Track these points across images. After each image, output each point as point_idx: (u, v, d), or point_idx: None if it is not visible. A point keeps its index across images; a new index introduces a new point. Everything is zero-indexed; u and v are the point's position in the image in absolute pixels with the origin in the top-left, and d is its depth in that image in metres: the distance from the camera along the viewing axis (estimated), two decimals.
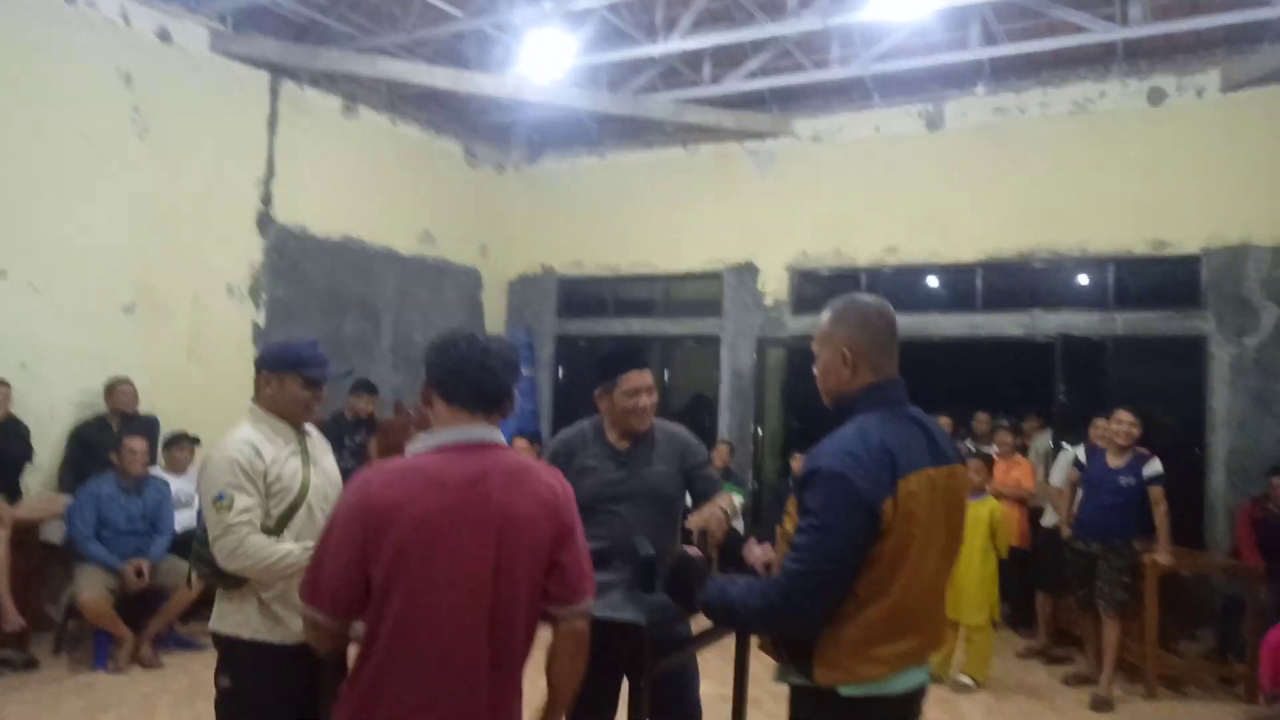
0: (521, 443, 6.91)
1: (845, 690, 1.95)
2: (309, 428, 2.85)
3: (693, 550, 2.24)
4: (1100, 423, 5.72)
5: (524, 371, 9.41)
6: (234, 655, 2.66)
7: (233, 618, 2.65)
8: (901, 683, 2.01)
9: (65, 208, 6.03)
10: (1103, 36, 6.77)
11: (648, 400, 2.93)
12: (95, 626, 5.23)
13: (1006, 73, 7.73)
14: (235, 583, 2.62)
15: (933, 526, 2.00)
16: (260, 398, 2.72)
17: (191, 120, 6.78)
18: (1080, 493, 5.52)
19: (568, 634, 1.94)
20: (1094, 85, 7.49)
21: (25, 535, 5.37)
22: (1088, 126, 7.48)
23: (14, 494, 5.50)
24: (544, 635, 1.98)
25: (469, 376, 1.94)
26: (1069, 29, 6.83)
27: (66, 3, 6.04)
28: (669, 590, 2.21)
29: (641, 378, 2.92)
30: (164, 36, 6.62)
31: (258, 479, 2.59)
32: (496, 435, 1.98)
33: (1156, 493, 5.22)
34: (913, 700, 2.08)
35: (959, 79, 7.86)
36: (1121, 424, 5.30)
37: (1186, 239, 7.10)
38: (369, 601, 1.85)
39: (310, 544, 2.47)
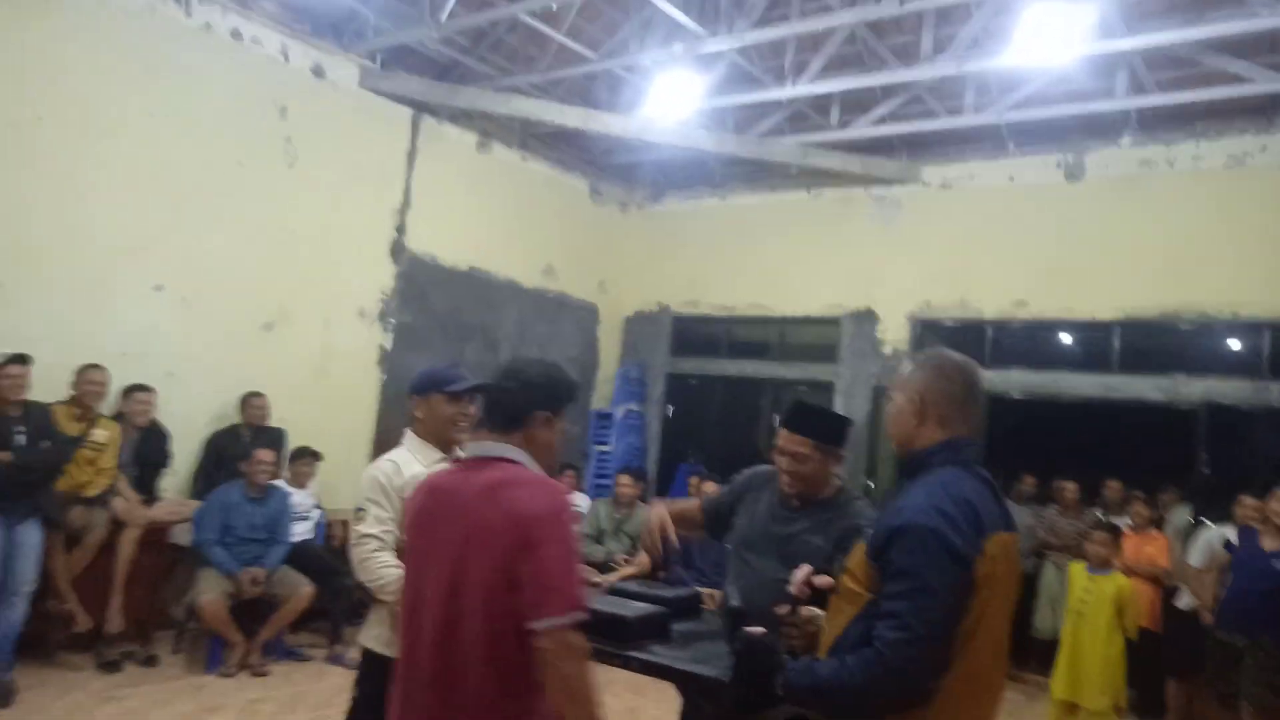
0: (625, 479, 6.90)
1: None
2: None
3: (756, 630, 2.06)
4: (1250, 501, 5.26)
5: (634, 407, 9.46)
6: (365, 666, 2.87)
7: (370, 630, 2.88)
8: None
9: (218, 229, 6.43)
10: (1265, 87, 6.33)
11: (788, 465, 2.72)
12: (211, 629, 5.47)
13: (1155, 124, 7.33)
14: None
15: (1009, 593, 1.91)
16: (415, 424, 2.99)
17: (337, 151, 7.17)
18: (1228, 578, 5.06)
19: (540, 651, 1.84)
20: (1254, 138, 7.00)
21: (157, 536, 5.68)
22: (1244, 181, 6.99)
23: (151, 495, 5.84)
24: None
25: (489, 396, 2.08)
26: (1226, 79, 6.43)
27: (233, 39, 6.51)
28: (739, 678, 2.04)
29: (786, 439, 2.72)
30: (318, 73, 7.05)
31: (394, 495, 2.79)
32: (505, 451, 2.00)
33: None
34: None
35: (1103, 129, 7.50)
36: None
37: None
38: None
39: None
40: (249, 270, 6.63)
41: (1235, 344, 7.17)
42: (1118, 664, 5.04)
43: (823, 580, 2.10)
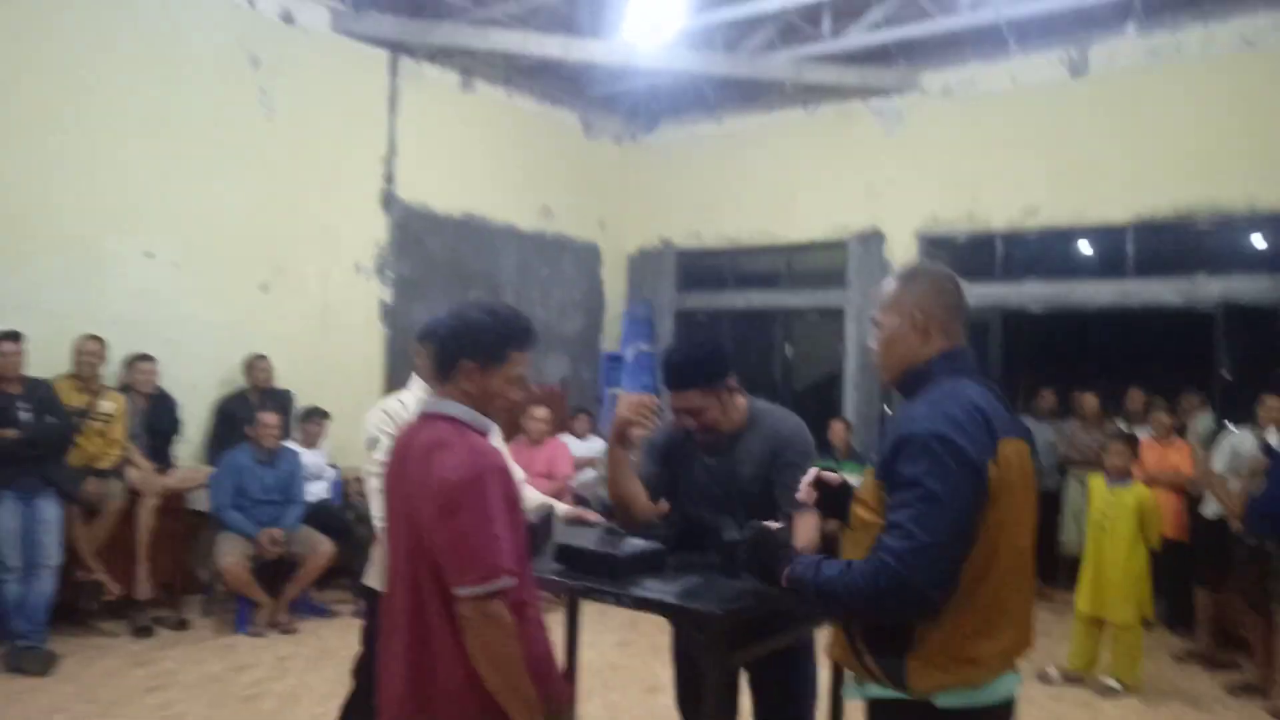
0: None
1: (942, 700, 1.75)
2: None
3: (772, 524, 2.03)
4: (1272, 401, 5.13)
5: (644, 347, 9.37)
6: (370, 606, 2.97)
7: (374, 569, 2.95)
8: (1000, 689, 1.82)
9: (202, 189, 6.32)
10: None
11: (690, 423, 2.65)
12: (236, 591, 5.53)
13: (1161, 9, 6.97)
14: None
15: (1026, 502, 1.82)
16: (418, 368, 3.05)
17: (316, 100, 6.99)
18: (1264, 482, 4.94)
19: (461, 619, 1.81)
20: (1267, 18, 6.65)
21: (175, 503, 5.73)
22: (1259, 66, 6.66)
23: (165, 464, 5.86)
24: None
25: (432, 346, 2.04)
26: None
27: None
28: (749, 568, 2.02)
29: (675, 399, 2.65)
30: (287, 18, 6.83)
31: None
32: (445, 406, 1.96)
33: None
34: (1009, 711, 1.88)
35: (1106, 19, 7.15)
36: None
37: None
38: None
39: None
40: (238, 230, 6.53)
41: (1255, 239, 6.94)
42: (1142, 576, 4.99)
43: (832, 477, 2.03)
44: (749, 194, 9.01)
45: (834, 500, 2.03)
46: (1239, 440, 5.45)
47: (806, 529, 2.39)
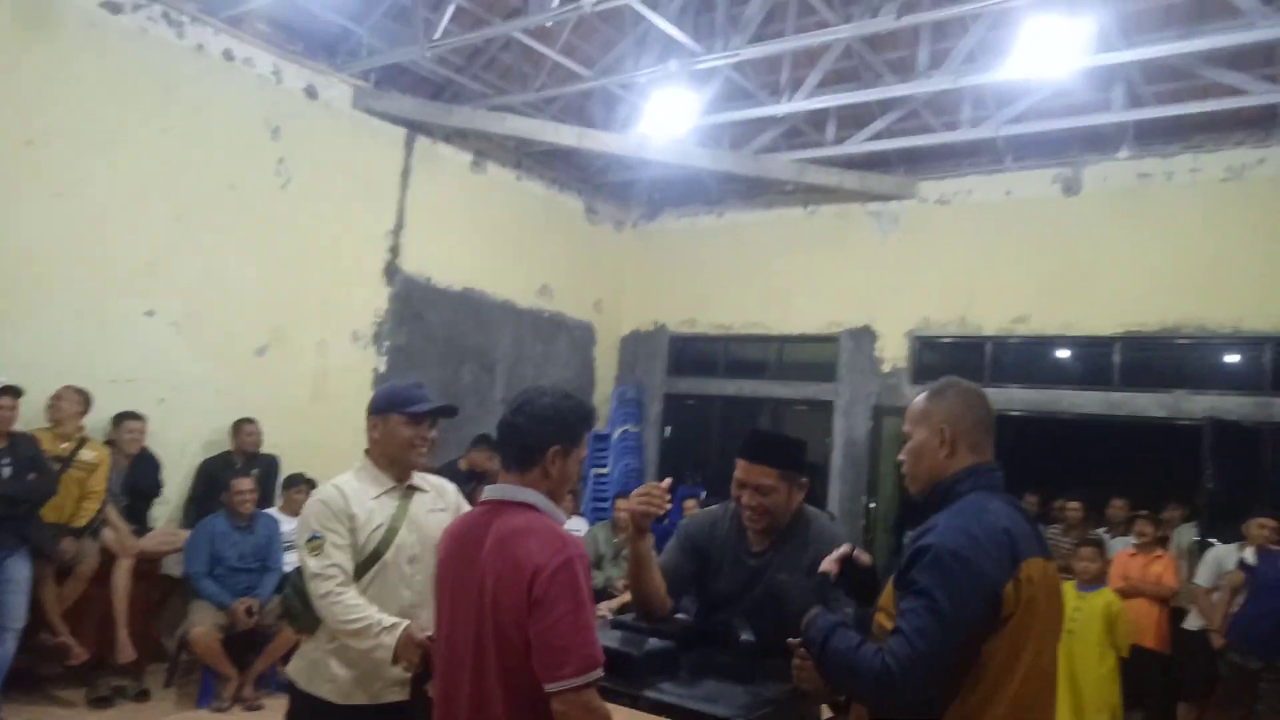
0: (625, 503, 6.78)
1: None
2: (435, 482, 2.83)
3: (862, 555, 2.05)
4: (1262, 521, 5.19)
5: (631, 428, 9.37)
6: (294, 704, 2.69)
7: (297, 662, 2.70)
8: None
9: (210, 252, 6.35)
10: (1263, 99, 6.32)
11: (751, 499, 2.59)
12: (204, 662, 5.34)
13: (1153, 136, 7.31)
14: (309, 627, 2.64)
15: (1050, 619, 1.84)
16: (370, 446, 2.73)
17: (331, 172, 7.10)
18: (1240, 598, 4.98)
19: (557, 714, 1.79)
20: (1252, 151, 6.98)
21: (149, 567, 5.57)
22: (1243, 194, 6.96)
23: (142, 525, 5.73)
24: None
25: (501, 435, 2.03)
26: (1224, 91, 6.42)
27: (225, 59, 6.45)
28: (847, 590, 2.04)
29: (747, 470, 2.58)
30: (311, 93, 6.99)
31: (345, 523, 2.58)
32: (520, 494, 1.97)
33: None
34: None
35: (1100, 143, 7.48)
36: None
37: None
38: None
39: (398, 621, 2.48)
40: (242, 294, 6.54)
41: (1236, 358, 7.12)
42: (1111, 680, 5.01)
43: (863, 557, 2.02)
44: (745, 285, 9.16)
45: (858, 583, 2.02)
46: (1224, 554, 5.49)
47: None
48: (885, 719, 1.83)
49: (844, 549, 2.06)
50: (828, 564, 2.04)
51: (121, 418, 5.69)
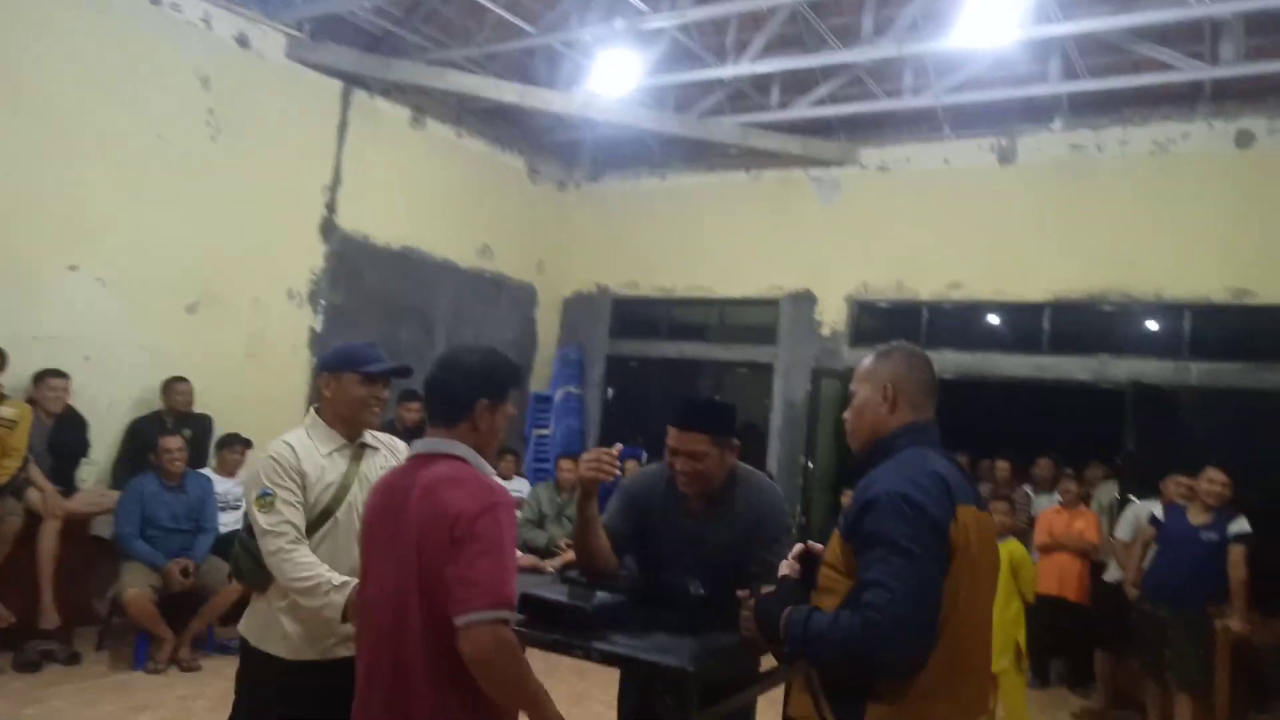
0: (566, 463, 6.81)
1: None
2: (382, 439, 2.82)
3: (814, 546, 2.07)
4: (1178, 479, 5.45)
5: (573, 390, 9.36)
6: (244, 661, 2.69)
7: (248, 619, 2.69)
8: None
9: (137, 206, 6.12)
10: (1190, 75, 6.53)
11: (685, 465, 2.62)
12: (138, 624, 5.24)
13: (1085, 109, 7.50)
14: (260, 584, 2.62)
15: (983, 566, 1.89)
16: (321, 403, 2.73)
17: (264, 125, 6.87)
18: (1153, 551, 5.25)
19: (464, 647, 1.79)
20: (1178, 125, 7.22)
21: (76, 529, 5.43)
22: (1169, 167, 7.21)
23: (69, 486, 5.55)
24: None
25: (428, 389, 2.04)
26: (1154, 66, 6.60)
27: (151, 4, 6.16)
28: (808, 584, 2.01)
29: (679, 438, 2.61)
30: (243, 42, 6.73)
31: (296, 479, 2.57)
32: (449, 447, 1.99)
33: (1237, 553, 4.91)
34: None
35: (1035, 113, 7.65)
36: (1214, 484, 5.00)
37: (1272, 290, 6.78)
38: None
39: (347, 580, 2.46)
40: (171, 249, 6.32)
41: (1157, 325, 7.41)
42: (1016, 623, 5.13)
43: (816, 548, 2.07)
44: (687, 248, 9.18)
45: (814, 572, 2.06)
46: (1141, 510, 5.76)
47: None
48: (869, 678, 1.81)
49: (798, 548, 2.08)
50: (786, 568, 2.05)
51: (43, 375, 5.48)
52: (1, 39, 5.46)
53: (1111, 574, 6.03)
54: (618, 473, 2.66)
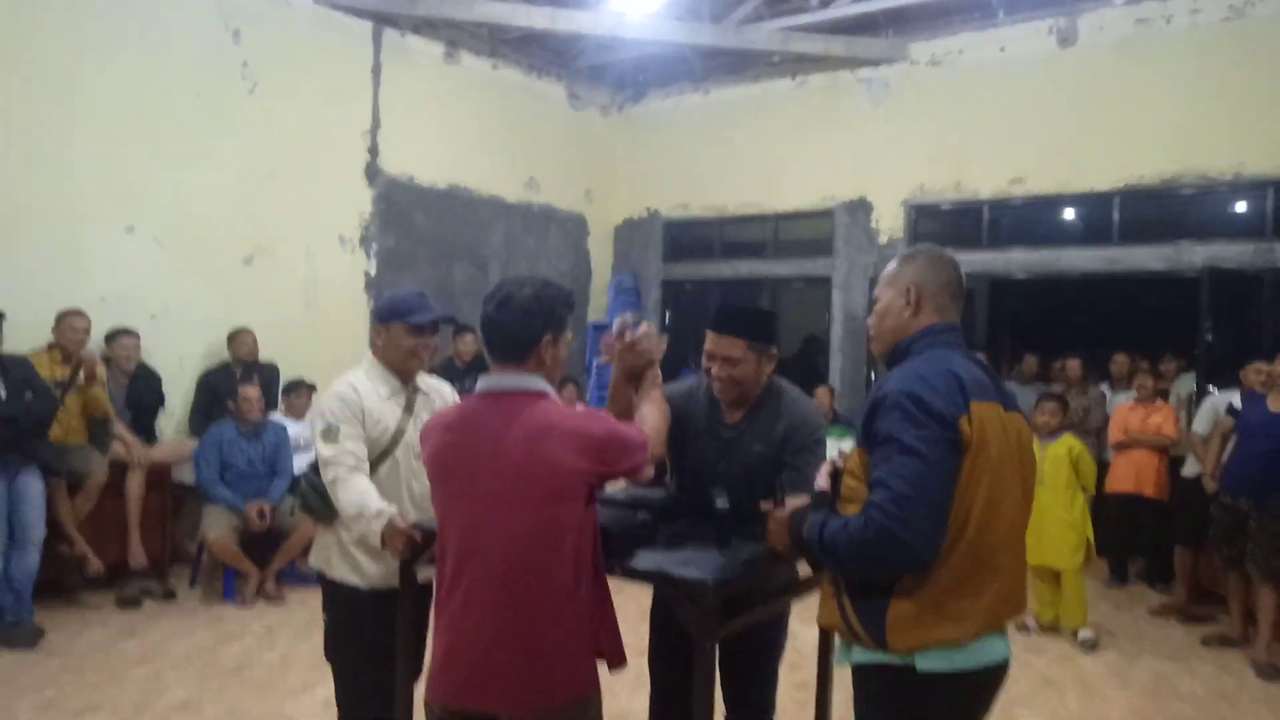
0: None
1: (923, 663, 1.78)
2: (433, 384, 2.92)
3: (765, 503, 2.11)
4: (1258, 366, 5.19)
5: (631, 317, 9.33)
6: (325, 592, 2.82)
7: (321, 554, 2.82)
8: (982, 654, 1.83)
9: (184, 165, 6.26)
10: None
11: (720, 370, 2.59)
12: (223, 562, 5.54)
13: None
14: (326, 519, 2.72)
15: (1006, 464, 1.83)
16: (375, 349, 2.82)
17: (298, 73, 6.90)
18: (1232, 443, 5.04)
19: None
20: None
21: (160, 477, 5.73)
22: (1244, 35, 6.67)
23: (150, 437, 5.85)
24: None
25: (489, 327, 2.05)
26: None
27: None
28: (795, 542, 2.04)
29: (715, 342, 2.58)
30: None
31: (359, 416, 2.67)
32: (524, 382, 2.03)
33: None
34: (994, 678, 1.90)
35: None
36: None
37: None
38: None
39: (384, 508, 2.54)
40: (221, 204, 6.47)
41: (1239, 206, 6.97)
42: (1082, 523, 5.12)
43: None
44: (736, 164, 8.97)
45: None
46: (1219, 402, 5.52)
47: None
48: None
49: (829, 463, 2.04)
50: (821, 481, 2.03)
51: (114, 335, 5.73)
52: (38, 18, 5.56)
53: (1190, 469, 5.81)
54: (662, 348, 2.58)
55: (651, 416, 2.30)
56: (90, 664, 4.44)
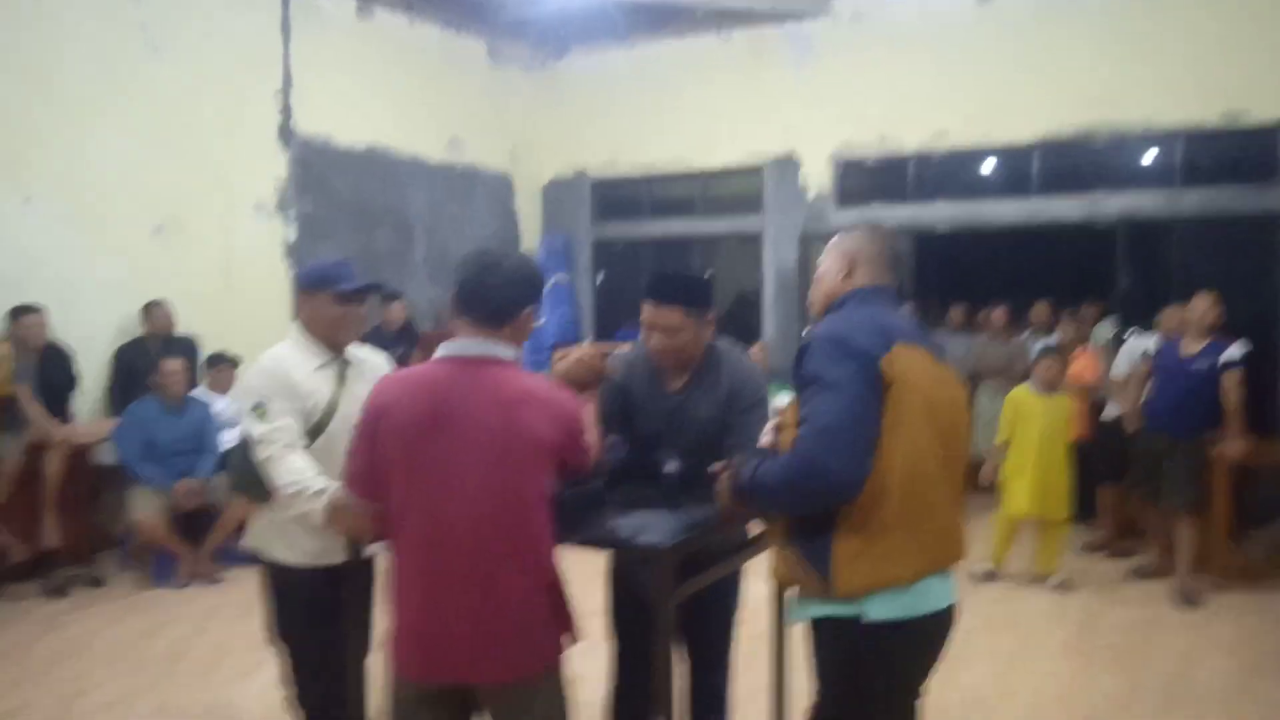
0: (560, 354, 6.77)
1: (873, 610, 1.85)
2: (365, 354, 2.84)
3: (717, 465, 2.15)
4: (1171, 311, 5.40)
5: (562, 278, 9.25)
6: (264, 573, 2.75)
7: (256, 535, 2.74)
8: (927, 598, 1.90)
9: (85, 133, 5.92)
10: None
11: (660, 341, 2.57)
12: (153, 545, 5.34)
13: None
14: (260, 498, 2.64)
15: (932, 404, 1.89)
16: (300, 319, 2.73)
17: (203, 33, 6.56)
18: (1150, 384, 5.26)
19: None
20: None
21: (79, 458, 5.48)
22: None
23: (65, 418, 5.56)
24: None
25: (472, 289, 2.01)
26: None
27: None
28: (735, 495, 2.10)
29: (654, 313, 2.55)
30: None
31: (288, 389, 2.59)
32: (497, 350, 2.00)
33: (1230, 378, 4.89)
34: (941, 624, 1.96)
35: None
36: (1201, 312, 4.98)
37: (1263, 108, 6.55)
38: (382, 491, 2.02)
39: (325, 486, 2.48)
40: (126, 173, 6.15)
41: (1150, 156, 7.22)
42: (1072, 469, 5.36)
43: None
44: (664, 121, 8.89)
45: None
46: (1138, 346, 5.74)
47: None
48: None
49: (771, 422, 2.09)
50: (766, 439, 2.08)
51: (18, 312, 5.39)
52: None
53: (1110, 411, 6.04)
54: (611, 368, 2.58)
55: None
56: (11, 661, 4.23)
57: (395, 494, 1.99)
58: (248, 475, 2.63)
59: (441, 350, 2.04)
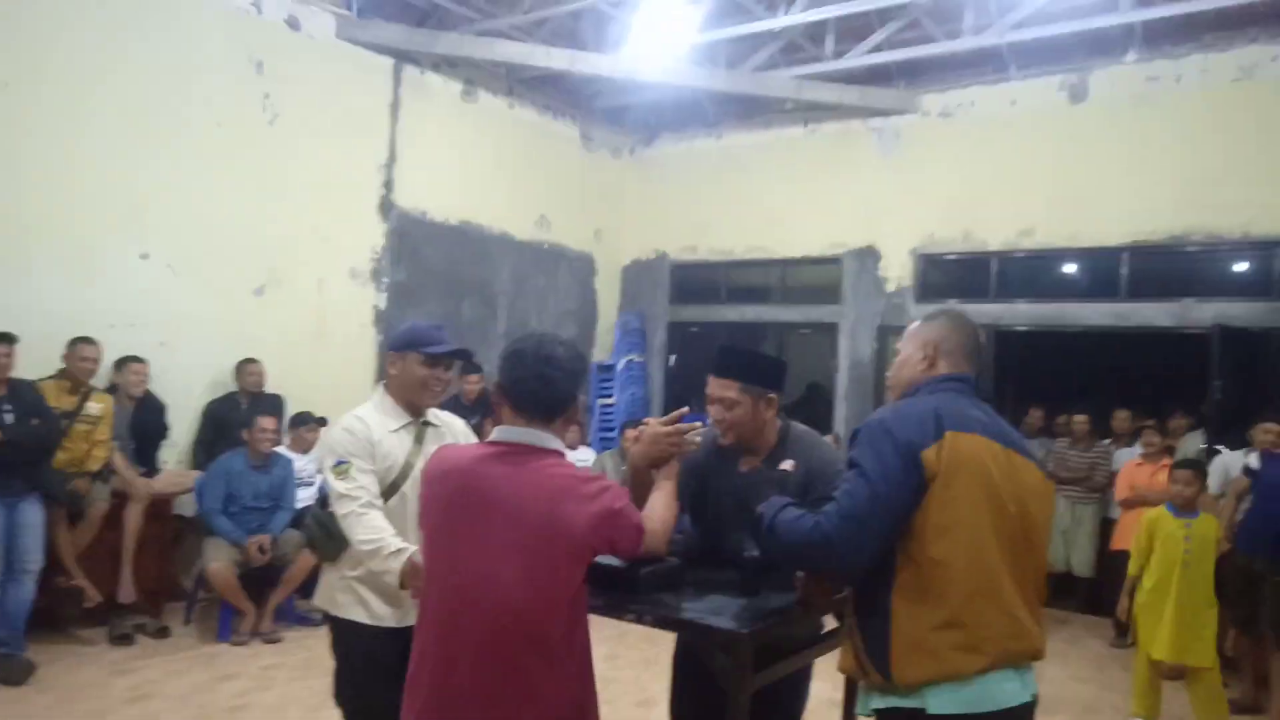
0: (632, 432, 6.79)
1: (934, 703, 1.80)
2: (442, 417, 2.91)
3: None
4: (1267, 426, 5.17)
5: (635, 358, 9.34)
6: (333, 631, 2.77)
7: (325, 593, 2.78)
8: (997, 693, 1.83)
9: (201, 192, 6.26)
10: None
11: (719, 413, 2.59)
12: (221, 597, 5.43)
13: (1161, 38, 7.07)
14: (331, 555, 2.69)
15: (995, 499, 1.87)
16: (388, 380, 2.82)
17: (318, 106, 6.95)
18: (1247, 502, 4.99)
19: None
20: (1262, 48, 6.76)
21: (160, 508, 5.63)
22: (1255, 95, 6.76)
23: (151, 468, 5.77)
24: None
25: (529, 386, 2.01)
26: None
27: None
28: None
29: (713, 385, 2.58)
30: (293, 24, 6.80)
31: (369, 450, 2.66)
32: (547, 440, 2.01)
33: None
34: None
35: (1106, 46, 7.25)
36: None
37: None
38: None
39: (404, 547, 2.52)
40: (236, 234, 6.47)
41: (1245, 264, 7.02)
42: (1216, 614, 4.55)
43: None
44: (745, 208, 9.02)
45: None
46: (1230, 461, 5.49)
47: None
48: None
49: None
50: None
51: (124, 361, 5.69)
52: (61, 41, 5.59)
53: None
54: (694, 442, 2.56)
55: (660, 509, 2.24)
56: (81, 702, 4.32)
57: (426, 567, 2.04)
58: (322, 532, 2.70)
59: (495, 434, 2.06)
